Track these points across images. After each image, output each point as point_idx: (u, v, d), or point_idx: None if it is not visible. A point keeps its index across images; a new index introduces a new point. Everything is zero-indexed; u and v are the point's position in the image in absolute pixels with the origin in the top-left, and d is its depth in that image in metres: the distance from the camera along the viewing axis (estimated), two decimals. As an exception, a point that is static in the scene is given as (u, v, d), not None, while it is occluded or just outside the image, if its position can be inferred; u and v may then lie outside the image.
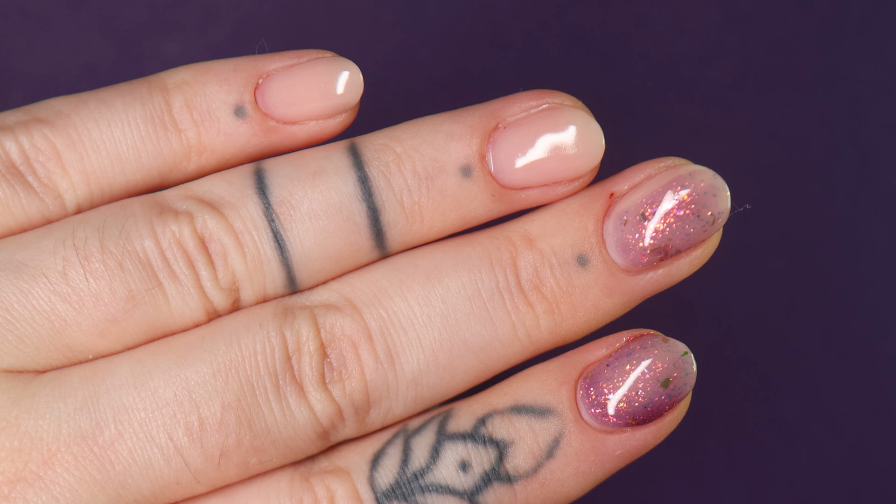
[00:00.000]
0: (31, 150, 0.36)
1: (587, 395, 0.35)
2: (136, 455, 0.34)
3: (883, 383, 0.59)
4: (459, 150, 0.35)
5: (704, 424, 0.58)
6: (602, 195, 0.35)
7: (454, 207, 0.35)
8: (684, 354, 0.35)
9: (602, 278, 0.35)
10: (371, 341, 0.35)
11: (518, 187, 0.35)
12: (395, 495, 0.35)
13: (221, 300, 0.35)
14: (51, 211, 0.36)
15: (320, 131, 0.37)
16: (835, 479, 0.59)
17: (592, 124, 0.35)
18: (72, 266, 0.34)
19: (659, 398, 0.35)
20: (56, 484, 0.33)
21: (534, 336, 0.35)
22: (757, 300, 0.59)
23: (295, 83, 0.36)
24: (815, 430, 0.59)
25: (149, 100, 0.36)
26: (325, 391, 0.34)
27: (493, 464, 0.35)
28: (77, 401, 0.34)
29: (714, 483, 0.58)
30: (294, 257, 0.35)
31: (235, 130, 0.36)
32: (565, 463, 0.35)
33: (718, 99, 0.60)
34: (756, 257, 0.59)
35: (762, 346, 0.59)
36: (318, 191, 0.35)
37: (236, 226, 0.35)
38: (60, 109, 0.36)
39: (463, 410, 0.35)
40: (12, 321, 0.34)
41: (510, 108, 0.36)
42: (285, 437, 0.34)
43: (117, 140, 0.36)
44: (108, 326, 0.34)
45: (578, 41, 0.60)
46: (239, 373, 0.34)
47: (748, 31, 0.60)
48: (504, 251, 0.35)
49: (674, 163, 0.35)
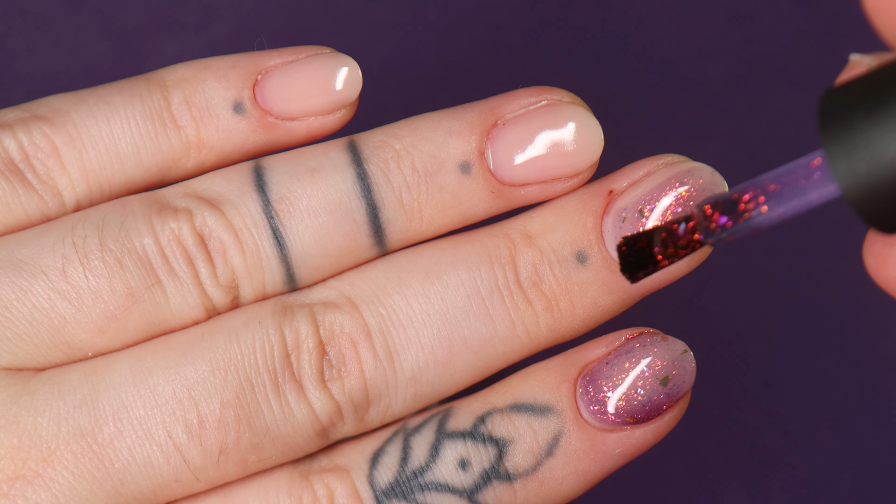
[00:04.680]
0: (30, 148, 0.36)
1: (587, 393, 0.35)
2: (136, 453, 0.34)
3: (883, 383, 0.59)
4: (458, 147, 0.35)
5: (704, 424, 0.58)
6: (601, 192, 0.35)
7: (453, 204, 0.35)
8: (684, 353, 0.35)
9: (601, 275, 0.35)
10: (370, 339, 0.35)
11: (517, 184, 0.35)
12: (394, 494, 0.34)
13: (221, 298, 0.35)
14: (50, 208, 0.36)
15: (319, 127, 0.37)
16: (835, 479, 0.59)
17: (591, 121, 0.35)
18: (71, 264, 0.34)
19: (658, 396, 0.35)
20: (55, 481, 0.33)
21: (533, 333, 0.35)
22: (757, 300, 0.59)
23: (294, 79, 0.36)
24: (815, 430, 0.59)
25: (147, 97, 0.36)
26: (324, 389, 0.34)
27: (493, 462, 0.35)
28: (76, 398, 0.34)
29: (714, 483, 0.58)
30: (293, 254, 0.35)
31: (234, 127, 0.36)
32: (565, 461, 0.35)
33: (718, 99, 0.60)
34: (756, 257, 0.59)
35: (762, 346, 0.59)
36: (317, 188, 0.35)
37: (235, 223, 0.35)
38: (59, 107, 0.36)
39: (462, 409, 0.35)
40: (12, 319, 0.34)
41: (509, 104, 0.36)
42: (284, 434, 0.34)
43: (116, 137, 0.36)
44: (108, 324, 0.34)
45: (578, 41, 0.60)
46: (238, 370, 0.34)
47: (748, 31, 0.60)
48: (503, 248, 0.35)
49: (672, 160, 0.35)
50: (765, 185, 0.29)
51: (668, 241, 0.32)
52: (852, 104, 0.26)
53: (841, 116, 0.26)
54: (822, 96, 0.27)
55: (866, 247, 0.29)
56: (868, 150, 0.26)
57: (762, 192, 0.29)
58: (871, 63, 0.29)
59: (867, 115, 0.26)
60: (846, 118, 0.26)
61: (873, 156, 0.26)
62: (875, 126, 0.26)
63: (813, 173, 0.28)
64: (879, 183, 0.26)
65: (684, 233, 0.32)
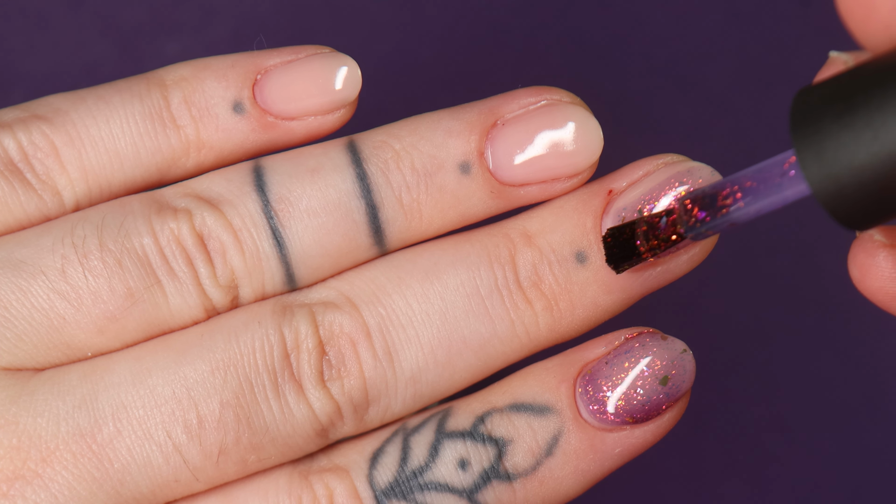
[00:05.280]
0: (29, 148, 0.36)
1: (586, 392, 0.35)
2: (135, 453, 0.34)
3: (883, 383, 0.59)
4: (458, 147, 0.35)
5: (704, 424, 0.58)
6: (600, 192, 0.35)
7: (453, 204, 0.35)
8: (683, 352, 0.35)
9: (601, 275, 0.35)
10: (370, 339, 0.35)
11: (517, 184, 0.35)
12: (394, 493, 0.34)
13: (220, 298, 0.35)
14: (49, 208, 0.36)
15: (318, 127, 0.37)
16: (835, 479, 0.59)
17: (591, 121, 0.35)
18: (71, 264, 0.34)
19: (658, 396, 0.35)
20: (54, 482, 0.33)
21: (532, 333, 0.35)
22: (757, 300, 0.59)
23: (293, 79, 0.36)
24: (814, 430, 0.59)
25: (147, 96, 0.36)
26: (323, 389, 0.34)
27: (493, 462, 0.35)
28: (76, 398, 0.34)
29: (714, 483, 0.58)
30: (293, 254, 0.35)
31: (234, 126, 0.36)
32: (564, 461, 0.35)
33: (718, 99, 0.60)
34: (756, 257, 0.59)
35: (762, 346, 0.59)
36: (316, 188, 0.35)
37: (235, 223, 0.35)
38: (59, 106, 0.36)
39: (462, 409, 0.35)
40: (11, 319, 0.34)
41: (509, 104, 0.36)
42: (284, 434, 0.34)
43: (116, 137, 0.36)
44: (107, 324, 0.34)
45: (578, 41, 0.60)
46: (237, 370, 0.34)
47: (748, 31, 0.60)
48: (503, 248, 0.35)
49: (672, 159, 0.35)
50: (742, 181, 0.30)
51: (649, 234, 0.33)
52: (822, 106, 0.27)
53: (812, 118, 0.27)
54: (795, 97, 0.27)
55: (850, 259, 0.30)
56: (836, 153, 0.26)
57: (740, 188, 0.30)
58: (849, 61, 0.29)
59: (836, 118, 0.26)
60: (816, 120, 0.27)
61: (841, 158, 0.26)
62: (844, 130, 0.26)
63: (788, 171, 0.29)
64: (848, 184, 0.26)
65: (666, 226, 0.33)
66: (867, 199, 0.26)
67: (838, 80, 0.27)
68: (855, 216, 0.27)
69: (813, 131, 0.27)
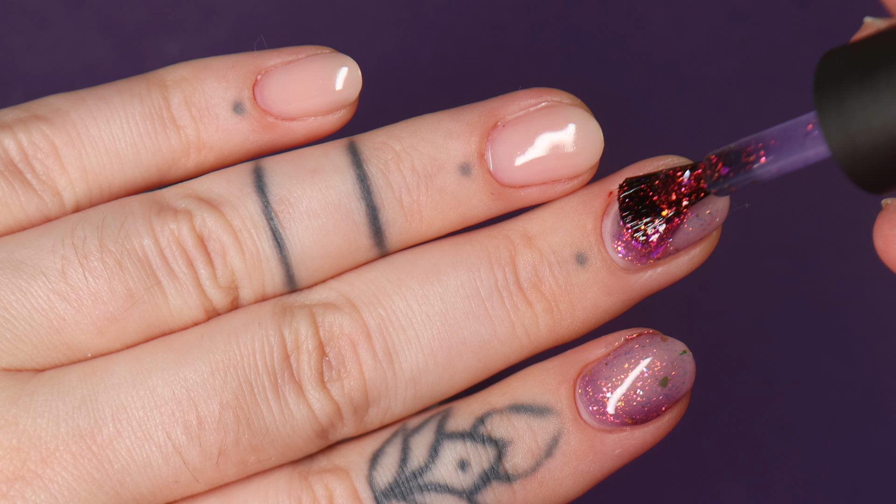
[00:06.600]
0: (29, 148, 0.36)
1: (586, 393, 0.35)
2: (135, 454, 0.34)
3: (883, 383, 0.59)
4: (458, 149, 0.35)
5: (704, 424, 0.58)
6: (601, 193, 0.35)
7: (453, 206, 0.35)
8: (683, 353, 0.35)
9: (601, 277, 0.35)
10: (370, 340, 0.35)
11: (517, 185, 0.35)
12: (393, 494, 0.35)
13: (220, 299, 0.35)
14: (49, 209, 0.36)
15: (319, 127, 0.37)
16: (835, 479, 0.59)
17: (591, 122, 0.35)
18: (71, 265, 0.34)
19: (657, 397, 0.35)
20: (54, 482, 0.33)
21: (533, 335, 0.35)
22: (757, 300, 0.59)
23: (293, 79, 0.36)
24: (814, 431, 0.59)
25: (147, 97, 0.36)
26: (323, 390, 0.34)
27: (492, 463, 0.35)
28: (75, 399, 0.34)
29: (714, 483, 0.58)
30: (293, 256, 0.35)
31: (234, 127, 0.36)
32: (564, 462, 0.35)
33: (718, 99, 0.60)
34: (756, 257, 0.59)
35: (762, 346, 0.59)
36: (316, 189, 0.35)
37: (235, 224, 0.35)
38: (59, 107, 0.36)
39: (462, 409, 0.35)
40: (11, 320, 0.34)
41: (509, 106, 0.36)
42: (284, 435, 0.34)
43: (116, 137, 0.36)
44: (107, 325, 0.34)
45: (578, 41, 0.60)
46: (237, 371, 0.34)
47: (748, 31, 0.60)
48: (503, 250, 0.35)
49: (672, 161, 0.35)
50: (767, 139, 0.31)
51: (668, 187, 0.34)
52: (846, 68, 0.27)
53: (835, 79, 0.27)
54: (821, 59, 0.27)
55: (875, 229, 0.30)
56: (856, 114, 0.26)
57: (763, 146, 0.31)
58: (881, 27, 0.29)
59: (859, 79, 0.26)
60: (838, 81, 0.27)
61: (861, 119, 0.26)
62: (865, 91, 0.26)
63: (812, 131, 0.29)
64: (866, 145, 0.26)
65: (689, 181, 0.33)
66: (885, 162, 0.26)
67: (864, 42, 0.27)
68: (872, 178, 0.27)
69: (834, 91, 0.27)
